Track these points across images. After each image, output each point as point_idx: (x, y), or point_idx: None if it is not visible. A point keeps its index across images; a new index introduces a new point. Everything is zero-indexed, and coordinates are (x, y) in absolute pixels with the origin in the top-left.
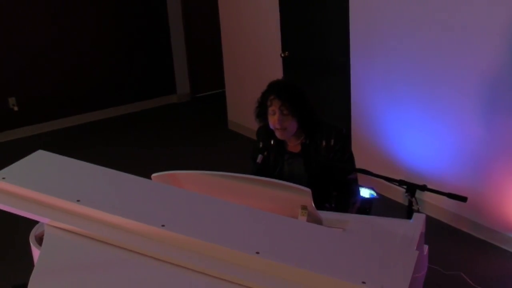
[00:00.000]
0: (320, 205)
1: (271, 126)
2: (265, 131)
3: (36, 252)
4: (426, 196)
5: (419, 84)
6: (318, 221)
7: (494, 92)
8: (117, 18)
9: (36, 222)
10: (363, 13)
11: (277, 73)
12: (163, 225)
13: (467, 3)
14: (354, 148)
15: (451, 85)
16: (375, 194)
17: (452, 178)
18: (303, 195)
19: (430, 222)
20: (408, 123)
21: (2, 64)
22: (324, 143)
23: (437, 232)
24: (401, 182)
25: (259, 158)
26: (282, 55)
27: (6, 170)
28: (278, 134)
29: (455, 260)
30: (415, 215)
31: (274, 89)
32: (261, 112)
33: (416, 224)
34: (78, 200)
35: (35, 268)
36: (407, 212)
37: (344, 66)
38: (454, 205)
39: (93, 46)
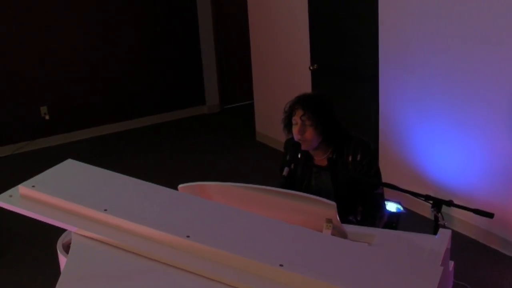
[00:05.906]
0: (344, 218)
1: (295, 137)
2: (292, 144)
3: (63, 259)
4: (454, 211)
5: (449, 97)
6: (343, 235)
7: None
8: (148, 29)
9: (64, 230)
10: (393, 26)
11: (306, 86)
12: (188, 236)
13: (503, 16)
14: (381, 161)
15: (482, 99)
16: (402, 209)
17: (481, 193)
18: (328, 208)
19: (458, 238)
20: (436, 137)
21: (35, 73)
22: (350, 158)
23: (464, 248)
24: (427, 197)
25: (285, 171)
26: (311, 68)
27: (36, 178)
28: (302, 145)
29: (482, 277)
30: (440, 230)
31: (298, 99)
32: (288, 124)
33: (441, 240)
34: (105, 210)
35: (61, 276)
36: (434, 227)
37: (373, 79)
38: (483, 221)
39: (124, 56)
